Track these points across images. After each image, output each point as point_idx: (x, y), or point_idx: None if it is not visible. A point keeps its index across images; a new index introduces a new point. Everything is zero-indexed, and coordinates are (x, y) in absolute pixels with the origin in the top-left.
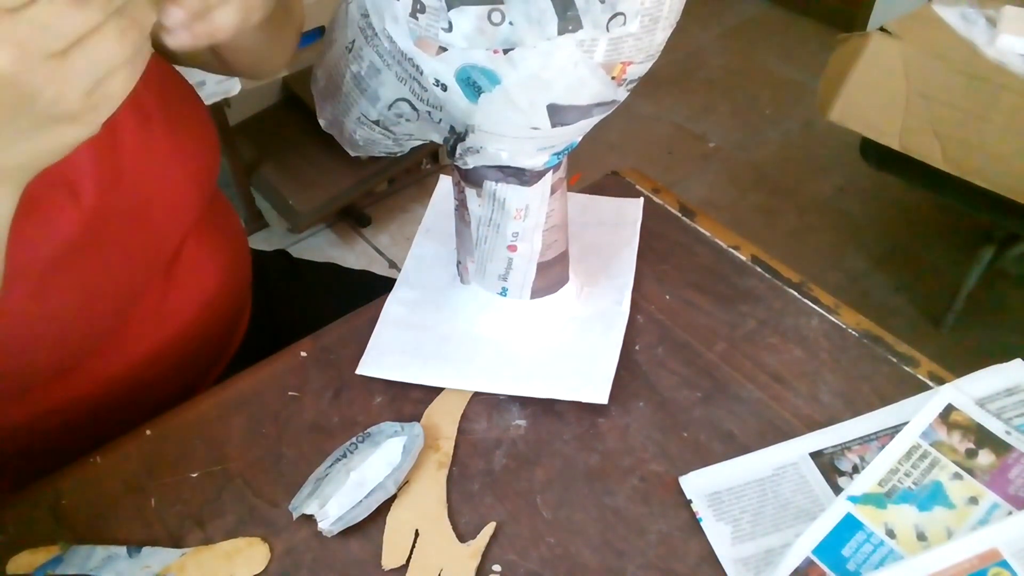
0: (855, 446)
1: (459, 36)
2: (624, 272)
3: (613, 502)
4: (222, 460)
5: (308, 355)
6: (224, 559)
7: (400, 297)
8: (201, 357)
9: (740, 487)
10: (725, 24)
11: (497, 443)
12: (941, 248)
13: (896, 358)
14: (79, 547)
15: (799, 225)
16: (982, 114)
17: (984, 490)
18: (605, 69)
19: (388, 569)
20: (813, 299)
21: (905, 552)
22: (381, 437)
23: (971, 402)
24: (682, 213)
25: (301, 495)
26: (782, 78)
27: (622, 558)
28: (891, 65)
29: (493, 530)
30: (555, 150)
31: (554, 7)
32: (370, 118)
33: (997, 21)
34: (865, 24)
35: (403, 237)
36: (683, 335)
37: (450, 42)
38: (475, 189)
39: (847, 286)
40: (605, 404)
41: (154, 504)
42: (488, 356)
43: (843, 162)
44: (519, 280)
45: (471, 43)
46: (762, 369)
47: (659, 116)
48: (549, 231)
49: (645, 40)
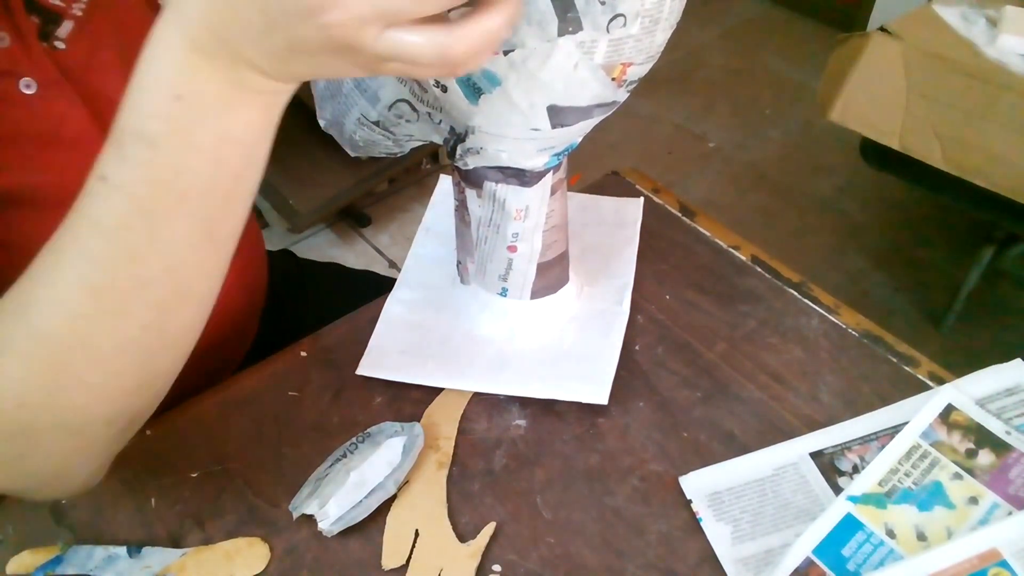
0: (855, 446)
1: None
2: (624, 272)
3: (613, 502)
4: (222, 460)
5: (308, 355)
6: (224, 559)
7: (400, 297)
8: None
9: (740, 487)
10: (725, 24)
11: (497, 443)
12: (941, 248)
13: (896, 358)
14: (79, 547)
15: (799, 225)
16: (982, 114)
17: (984, 490)
18: (605, 70)
19: (388, 569)
20: (813, 299)
21: (905, 552)
22: (381, 437)
23: (971, 402)
24: (682, 213)
25: (301, 495)
26: (782, 78)
27: (622, 558)
28: (891, 65)
29: (493, 530)
30: (555, 151)
31: (554, 8)
32: (370, 119)
33: (997, 21)
34: (865, 24)
35: (403, 237)
36: (683, 335)
37: None
38: (475, 190)
39: (847, 286)
40: (605, 405)
41: (154, 504)
42: (488, 356)
43: (843, 162)
44: (519, 280)
45: None
46: (762, 369)
47: (659, 116)
48: (549, 231)
49: (645, 41)
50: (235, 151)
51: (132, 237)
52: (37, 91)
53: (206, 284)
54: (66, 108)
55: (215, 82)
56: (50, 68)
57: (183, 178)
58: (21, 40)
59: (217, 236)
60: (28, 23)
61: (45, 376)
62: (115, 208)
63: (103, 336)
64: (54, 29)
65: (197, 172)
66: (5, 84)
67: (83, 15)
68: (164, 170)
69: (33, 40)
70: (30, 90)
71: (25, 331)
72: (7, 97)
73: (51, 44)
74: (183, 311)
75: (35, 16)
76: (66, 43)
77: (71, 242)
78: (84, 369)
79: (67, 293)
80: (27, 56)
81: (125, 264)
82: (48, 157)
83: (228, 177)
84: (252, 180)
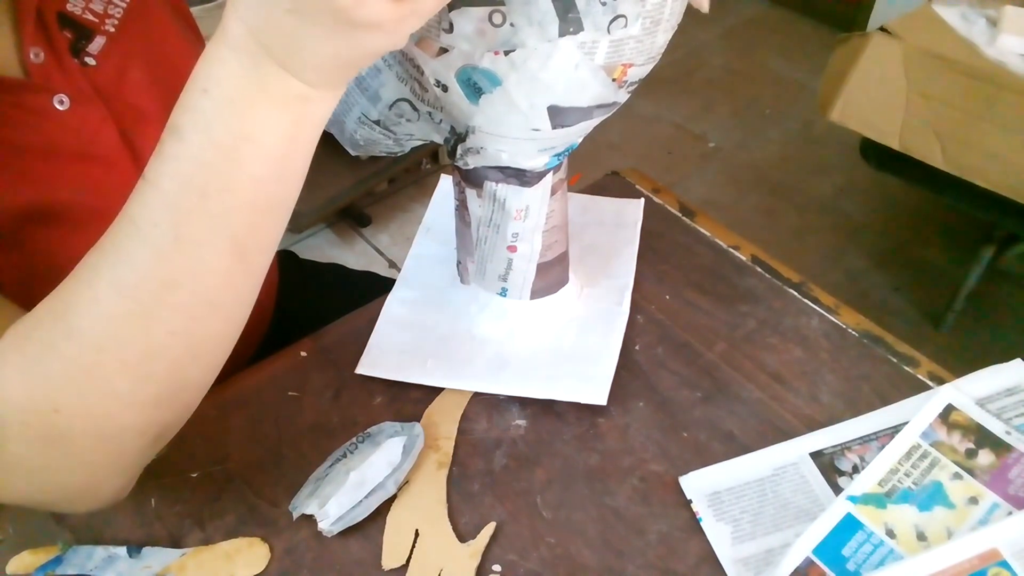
0: (855, 446)
1: (460, 37)
2: (624, 273)
3: (613, 502)
4: (222, 460)
5: (308, 355)
6: (224, 559)
7: (400, 297)
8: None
9: (740, 487)
10: (725, 24)
11: (497, 443)
12: (941, 248)
13: (896, 358)
14: (79, 547)
15: (799, 225)
16: (982, 114)
17: (984, 490)
18: (606, 71)
19: (388, 569)
20: (813, 299)
21: (905, 552)
22: (381, 437)
23: (971, 402)
24: (682, 213)
25: (301, 495)
26: (782, 78)
27: (622, 558)
28: (891, 65)
29: (493, 530)
30: (555, 151)
31: (555, 9)
32: (371, 118)
33: (997, 21)
34: (865, 24)
35: (403, 237)
36: (683, 335)
37: (451, 43)
38: (475, 190)
39: (847, 286)
40: (604, 405)
41: (154, 504)
42: (488, 356)
43: (843, 162)
44: (519, 281)
45: (472, 44)
46: (762, 369)
47: (659, 116)
48: (549, 232)
49: (646, 42)
50: (256, 154)
51: (159, 235)
52: (70, 107)
53: (233, 296)
54: (98, 124)
55: (237, 77)
56: (83, 84)
57: (203, 174)
58: (55, 56)
59: (244, 247)
60: (61, 38)
61: (79, 378)
62: (148, 205)
63: (132, 339)
64: (86, 45)
65: (217, 170)
66: (40, 99)
67: (115, 31)
68: (188, 163)
69: (66, 56)
70: (63, 106)
71: (64, 330)
72: (41, 112)
73: (82, 60)
74: (211, 322)
75: (68, 31)
76: (97, 59)
77: (111, 243)
78: (114, 373)
79: (102, 292)
80: (61, 72)
81: (153, 264)
82: (79, 173)
83: (249, 181)
84: (280, 196)
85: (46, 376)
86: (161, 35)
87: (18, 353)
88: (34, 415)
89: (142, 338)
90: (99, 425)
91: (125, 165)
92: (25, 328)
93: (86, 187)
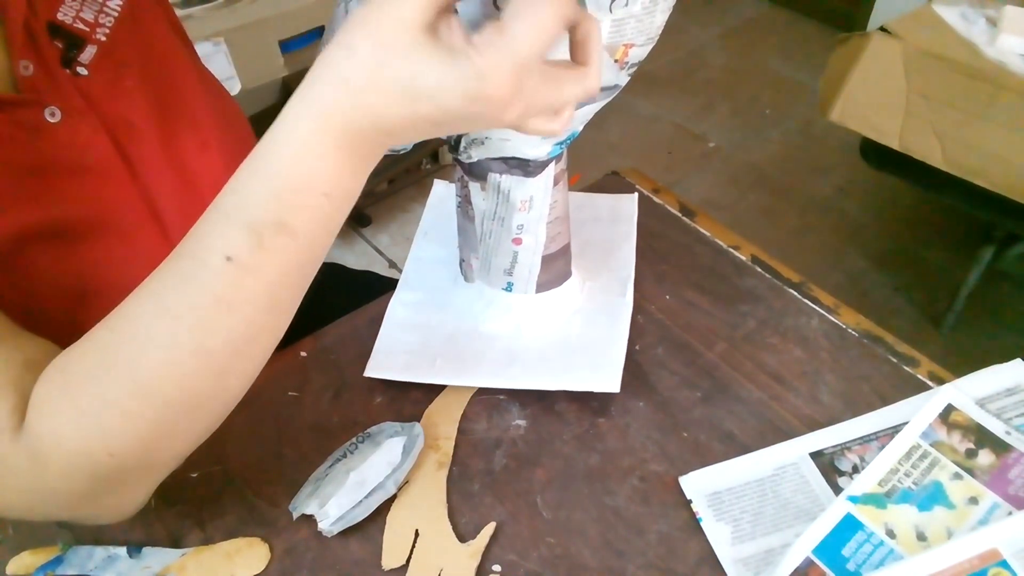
0: (855, 446)
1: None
2: (624, 265)
3: (613, 502)
4: (222, 460)
5: (308, 355)
6: (224, 559)
7: (403, 299)
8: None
9: (740, 487)
10: (725, 24)
11: (497, 443)
12: (941, 248)
13: (896, 358)
14: (79, 547)
15: (799, 225)
16: (982, 114)
17: (984, 490)
18: (608, 51)
19: (388, 569)
20: (813, 299)
21: (905, 552)
22: (381, 437)
23: (971, 402)
24: (682, 213)
25: (301, 495)
26: (782, 78)
27: (622, 558)
28: (891, 65)
29: (493, 530)
30: (558, 139)
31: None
32: None
33: (997, 21)
34: (865, 24)
35: (403, 237)
36: (683, 335)
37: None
38: (479, 183)
39: (847, 286)
40: (617, 392)
41: (154, 504)
42: (496, 352)
43: (843, 162)
44: (524, 274)
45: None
46: (762, 369)
47: (659, 116)
48: (553, 223)
49: (646, 21)
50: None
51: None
52: (61, 119)
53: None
54: (90, 136)
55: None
56: (74, 96)
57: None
58: (45, 67)
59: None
60: (52, 49)
61: (142, 429)
62: (245, 288)
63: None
64: (77, 54)
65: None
66: (30, 113)
67: (107, 40)
68: (300, 254)
69: (56, 67)
70: (54, 119)
71: (131, 389)
72: (34, 128)
73: (73, 71)
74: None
75: (59, 41)
76: (88, 69)
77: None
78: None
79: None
80: (51, 84)
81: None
82: (74, 187)
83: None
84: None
85: (104, 428)
86: (153, 42)
87: (69, 402)
88: (85, 458)
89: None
90: (152, 460)
91: (119, 176)
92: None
93: (81, 201)
